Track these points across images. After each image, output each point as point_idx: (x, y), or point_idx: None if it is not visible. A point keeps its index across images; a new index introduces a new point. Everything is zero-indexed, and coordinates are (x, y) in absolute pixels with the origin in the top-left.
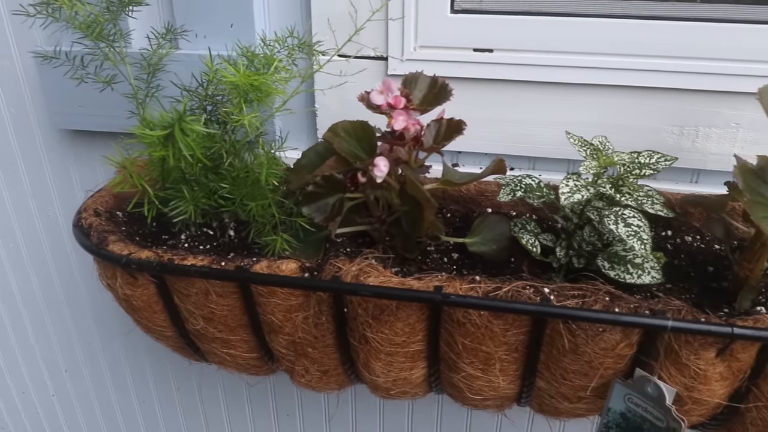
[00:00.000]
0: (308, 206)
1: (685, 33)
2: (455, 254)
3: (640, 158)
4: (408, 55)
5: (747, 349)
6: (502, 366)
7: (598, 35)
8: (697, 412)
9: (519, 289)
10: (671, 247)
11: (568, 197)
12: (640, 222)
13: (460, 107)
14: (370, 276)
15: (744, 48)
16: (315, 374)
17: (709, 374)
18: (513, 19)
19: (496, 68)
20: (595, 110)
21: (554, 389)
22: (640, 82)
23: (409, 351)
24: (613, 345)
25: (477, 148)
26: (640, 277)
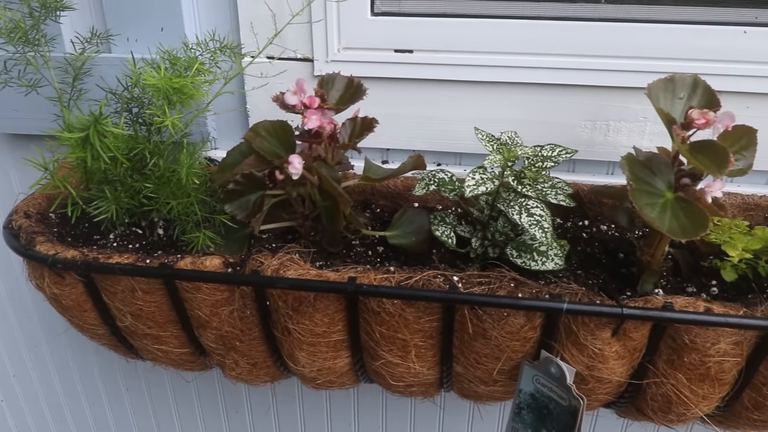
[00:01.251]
0: (230, 204)
1: (593, 32)
2: (380, 247)
3: (543, 152)
4: (332, 56)
5: (639, 328)
6: (419, 352)
7: (513, 35)
8: (602, 390)
9: (430, 278)
10: (587, 236)
11: (473, 189)
12: (543, 212)
13: (385, 106)
14: (289, 269)
15: (648, 46)
16: (245, 367)
17: (606, 353)
18: (431, 20)
19: (417, 68)
20: (513, 107)
21: (471, 373)
22: (553, 80)
23: (331, 341)
24: (518, 328)
25: (405, 145)
26: (544, 264)
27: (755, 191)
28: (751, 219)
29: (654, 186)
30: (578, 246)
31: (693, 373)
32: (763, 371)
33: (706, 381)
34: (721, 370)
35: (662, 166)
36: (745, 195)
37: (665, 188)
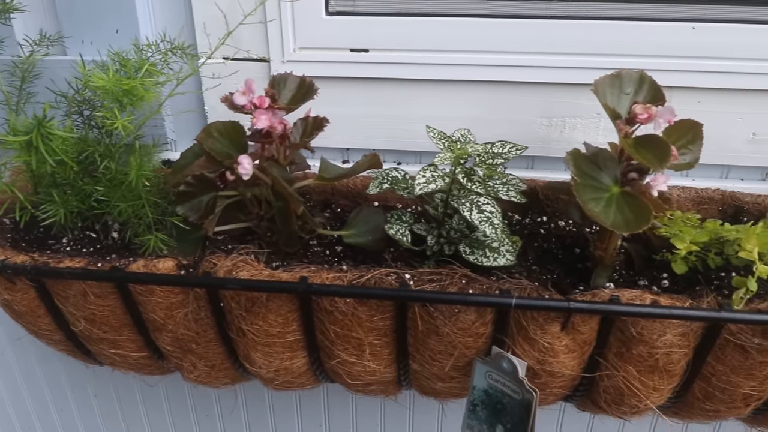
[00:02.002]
0: (182, 205)
1: (545, 30)
2: (338, 247)
3: (493, 148)
4: (288, 56)
5: (587, 322)
6: (374, 351)
7: (467, 34)
8: (556, 383)
9: (382, 277)
10: (544, 232)
11: (423, 187)
12: (493, 208)
13: (343, 106)
14: (242, 270)
15: (598, 42)
16: (203, 369)
17: (556, 347)
18: (386, 19)
19: (373, 67)
20: (469, 105)
21: (427, 370)
22: (508, 78)
23: (286, 341)
24: (470, 324)
25: (364, 144)
26: (496, 260)
27: (710, 185)
28: (706, 212)
29: (600, 181)
30: (535, 242)
31: (642, 365)
32: (711, 362)
33: (655, 372)
34: (669, 362)
35: (608, 161)
36: (699, 189)
37: (612, 183)
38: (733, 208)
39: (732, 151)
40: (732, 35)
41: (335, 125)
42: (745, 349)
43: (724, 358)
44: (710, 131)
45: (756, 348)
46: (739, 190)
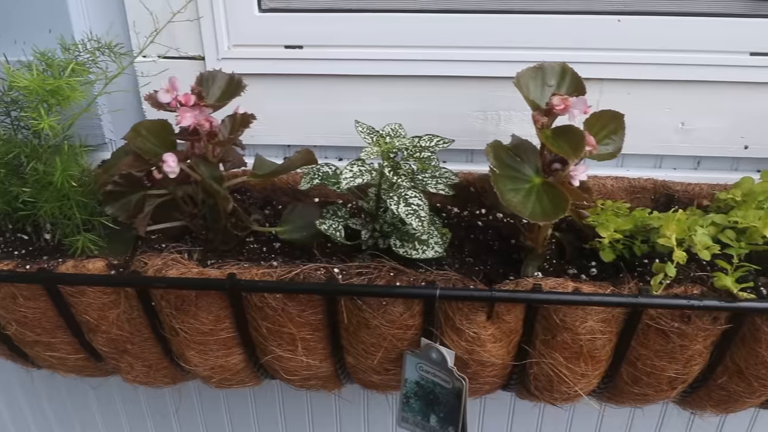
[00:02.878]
0: (110, 205)
1: (480, 24)
2: (276, 244)
3: (420, 142)
4: (223, 54)
5: (511, 310)
6: (308, 345)
7: (401, 28)
8: (487, 373)
9: (311, 271)
10: (482, 224)
11: (349, 182)
12: (420, 201)
13: (281, 103)
14: (171, 269)
15: (529, 36)
16: (141, 369)
17: (482, 337)
18: (320, 16)
19: (308, 63)
20: (405, 100)
21: (362, 364)
22: (442, 72)
23: (220, 338)
24: (398, 316)
25: (304, 141)
26: (425, 252)
27: (644, 174)
28: (639, 201)
29: (522, 172)
30: (472, 234)
31: (568, 351)
32: (636, 347)
33: (581, 359)
34: (594, 348)
35: (529, 152)
36: (632, 178)
37: (533, 174)
38: (665, 196)
39: (663, 141)
40: (657, 27)
41: (275, 122)
42: (666, 333)
43: (647, 343)
44: (641, 122)
45: (676, 332)
46: (672, 179)
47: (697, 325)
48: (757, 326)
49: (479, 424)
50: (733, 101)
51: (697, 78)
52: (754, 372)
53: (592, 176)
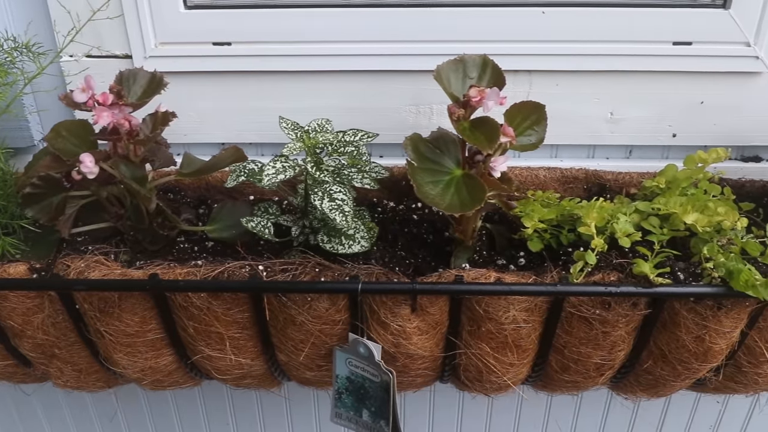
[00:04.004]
0: (30, 207)
1: (410, 17)
2: (209, 243)
3: (345, 137)
4: (150, 52)
5: (434, 302)
6: (237, 344)
7: (331, 24)
8: (418, 365)
9: (235, 270)
10: (417, 217)
11: (271, 178)
12: (345, 196)
13: (211, 100)
14: (94, 271)
15: (462, 29)
16: (71, 374)
17: (407, 329)
18: (247, 12)
19: (237, 60)
20: (337, 95)
21: (294, 360)
22: (372, 66)
23: (147, 340)
24: (324, 312)
25: (237, 138)
26: (351, 247)
27: (578, 164)
28: (572, 191)
29: (442, 164)
30: (406, 227)
31: (494, 341)
32: (561, 334)
33: (507, 348)
34: (519, 337)
35: (450, 144)
36: (564, 168)
37: (454, 166)
38: (597, 186)
39: (594, 131)
40: (582, 18)
41: (208, 120)
42: (588, 320)
43: (571, 330)
44: (572, 113)
45: (598, 319)
46: (605, 168)
47: (617, 311)
48: (676, 311)
49: (457, 424)
50: (659, 90)
51: (622, 68)
52: (677, 356)
53: (525, 167)
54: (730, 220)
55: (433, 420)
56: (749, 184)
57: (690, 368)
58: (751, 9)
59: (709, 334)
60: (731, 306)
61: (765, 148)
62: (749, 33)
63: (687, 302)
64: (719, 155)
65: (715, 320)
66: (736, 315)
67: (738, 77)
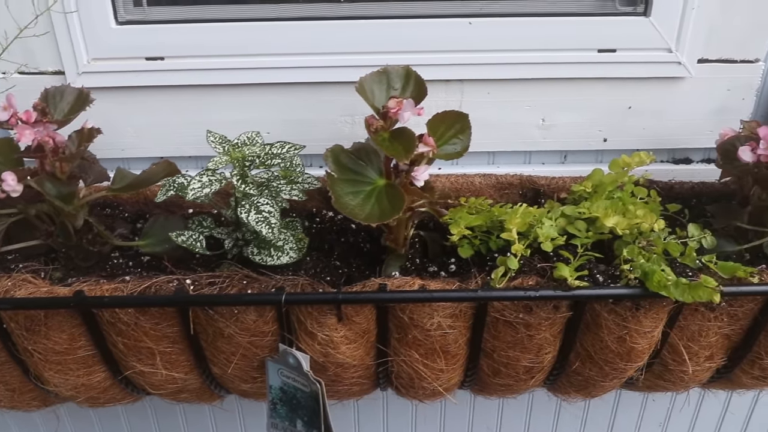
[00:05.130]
0: None
1: (341, 30)
2: (145, 258)
3: (272, 149)
4: (83, 68)
5: (359, 312)
6: (169, 359)
7: (263, 37)
8: (351, 374)
9: (163, 284)
10: (355, 227)
11: (196, 192)
12: (272, 208)
13: (148, 115)
14: (21, 289)
15: (391, 40)
16: (4, 394)
17: (335, 339)
18: (180, 26)
19: (170, 75)
20: (272, 107)
21: (228, 373)
22: (306, 78)
23: (78, 357)
24: (252, 324)
25: (175, 152)
26: (280, 258)
27: (514, 170)
28: (508, 197)
29: (365, 175)
30: (344, 237)
31: (422, 348)
32: (489, 339)
33: (435, 354)
34: (446, 343)
35: (372, 155)
36: (500, 175)
37: (377, 176)
38: (532, 191)
39: (527, 137)
40: (509, 28)
41: (145, 135)
42: (512, 324)
43: (498, 335)
44: (505, 120)
45: (522, 322)
46: (540, 173)
47: (539, 314)
48: (597, 312)
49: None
50: (588, 97)
51: (550, 76)
52: (602, 356)
53: (461, 174)
54: (648, 223)
55: (387, 426)
56: (678, 185)
57: (616, 368)
58: (670, 16)
59: (630, 335)
60: (649, 306)
61: (694, 151)
62: (670, 39)
63: (607, 304)
64: (642, 159)
65: (635, 320)
66: (655, 315)
67: (662, 82)
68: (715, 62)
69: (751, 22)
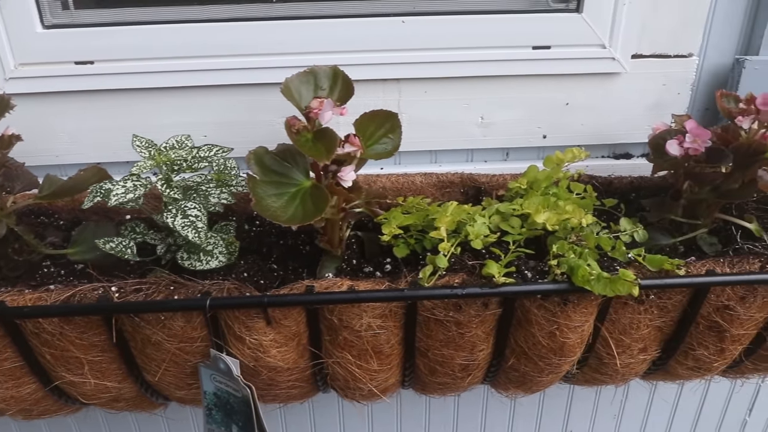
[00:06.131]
0: None
1: (273, 31)
2: (78, 265)
3: (200, 153)
4: (10, 74)
5: (288, 315)
6: (100, 368)
7: (196, 39)
8: (286, 377)
9: (88, 292)
10: (296, 229)
11: (119, 198)
12: (199, 212)
13: (81, 120)
14: None
15: (325, 40)
16: None
17: (264, 343)
18: (110, 30)
19: (101, 79)
20: (210, 110)
21: (162, 380)
22: (241, 80)
23: (5, 369)
24: (180, 330)
25: (113, 158)
26: (209, 263)
27: (456, 169)
28: (449, 195)
29: (290, 176)
30: (282, 239)
31: (354, 349)
32: (422, 338)
33: (368, 355)
34: (378, 343)
35: (297, 156)
36: (440, 174)
37: (303, 177)
38: (473, 189)
39: (468, 135)
40: (443, 26)
41: (81, 141)
42: (443, 323)
43: (430, 334)
44: (443, 118)
45: (452, 321)
46: (482, 171)
47: (468, 312)
48: (527, 308)
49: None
50: (525, 94)
51: (487, 73)
52: (536, 352)
53: (402, 174)
54: (576, 218)
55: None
56: (617, 180)
57: (551, 363)
58: (602, 12)
59: (560, 330)
60: (578, 301)
61: (634, 146)
62: (603, 35)
63: (536, 300)
64: (575, 154)
65: (564, 315)
66: (584, 309)
67: (598, 78)
68: (649, 57)
69: (683, 17)
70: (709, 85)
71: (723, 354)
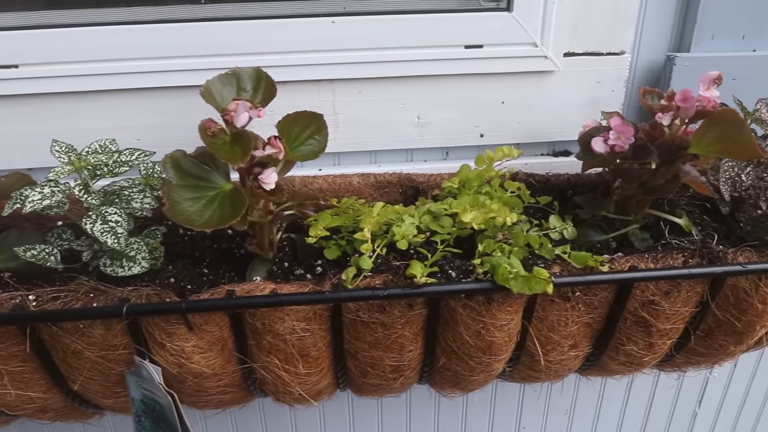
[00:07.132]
0: None
1: (204, 32)
2: (6, 273)
3: (121, 157)
4: None
5: (210, 320)
6: (21, 378)
7: (122, 42)
8: (213, 383)
9: (5, 301)
10: (231, 232)
11: (36, 204)
12: (119, 218)
13: (8, 125)
14: None
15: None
16: None
17: (186, 349)
18: (34, 32)
19: (26, 83)
20: (143, 113)
21: (87, 389)
22: (170, 83)
23: None
24: (101, 338)
25: (47, 163)
26: (131, 269)
27: (396, 169)
28: (388, 196)
29: (210, 180)
30: (217, 243)
31: (281, 353)
32: (351, 340)
33: (294, 359)
34: (304, 347)
35: (216, 159)
36: (378, 174)
37: (224, 181)
38: (412, 189)
39: (405, 135)
40: (374, 26)
41: (8, 146)
42: (369, 324)
43: (358, 336)
44: (379, 118)
45: (378, 322)
46: (422, 171)
47: (393, 313)
48: (452, 308)
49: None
50: (460, 93)
51: (420, 73)
52: (465, 351)
53: (340, 174)
54: (502, 216)
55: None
56: (554, 178)
57: (481, 362)
58: (532, 11)
59: (486, 328)
60: (502, 299)
61: (572, 143)
62: (535, 34)
63: (461, 299)
64: (505, 153)
65: (489, 314)
66: (508, 307)
67: (532, 76)
68: (581, 55)
69: (613, 15)
70: (643, 82)
71: (652, 348)
